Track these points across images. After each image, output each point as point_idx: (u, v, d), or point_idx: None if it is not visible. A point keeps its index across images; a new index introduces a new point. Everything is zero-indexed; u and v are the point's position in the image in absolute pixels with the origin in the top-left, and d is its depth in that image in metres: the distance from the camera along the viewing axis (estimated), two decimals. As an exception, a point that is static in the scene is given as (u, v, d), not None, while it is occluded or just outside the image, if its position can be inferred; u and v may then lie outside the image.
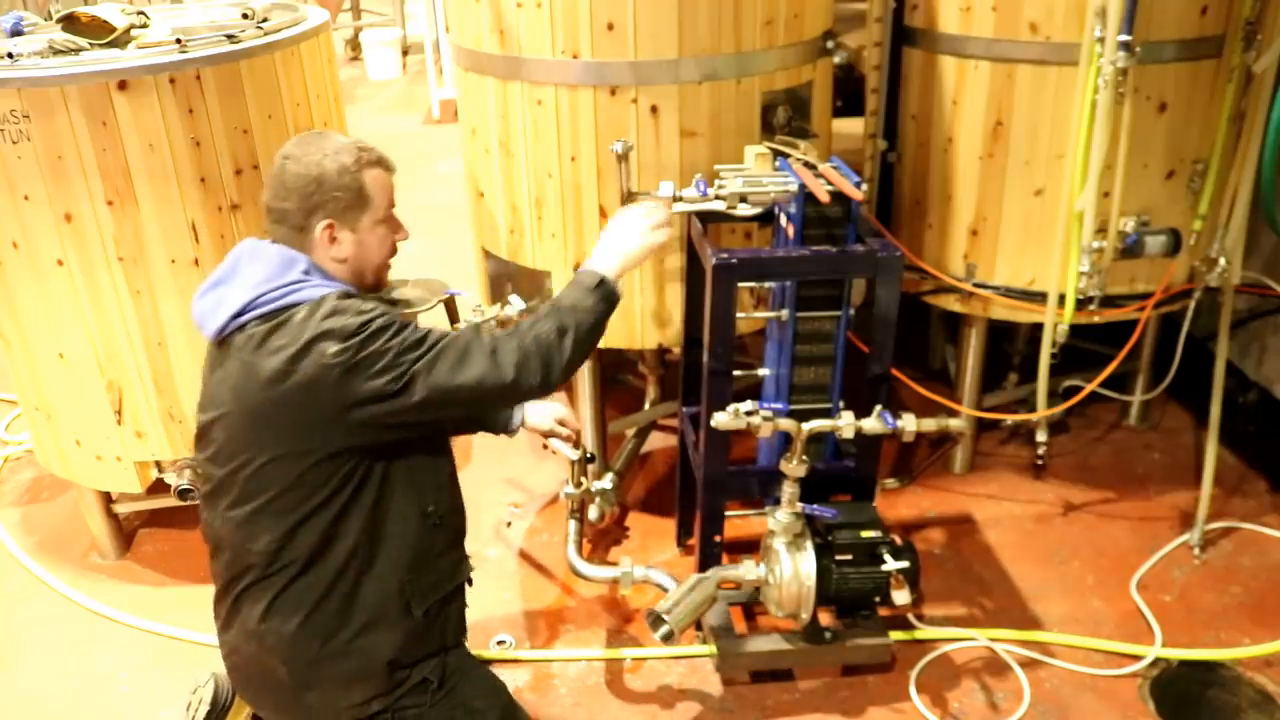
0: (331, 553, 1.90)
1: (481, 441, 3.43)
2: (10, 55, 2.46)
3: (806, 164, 2.47)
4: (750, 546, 2.90)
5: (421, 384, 1.81)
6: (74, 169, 2.47)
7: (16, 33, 2.78)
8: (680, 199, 2.49)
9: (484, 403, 2.00)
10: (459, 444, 2.59)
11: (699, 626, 2.67)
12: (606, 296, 2.02)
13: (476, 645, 2.62)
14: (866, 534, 2.43)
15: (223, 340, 1.87)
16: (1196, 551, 2.98)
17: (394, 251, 2.03)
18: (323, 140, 1.93)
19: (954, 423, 2.47)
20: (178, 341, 2.70)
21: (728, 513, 2.62)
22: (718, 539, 2.59)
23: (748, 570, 2.47)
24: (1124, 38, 2.49)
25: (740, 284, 2.52)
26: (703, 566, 2.56)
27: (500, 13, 2.63)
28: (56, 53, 2.54)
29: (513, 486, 3.39)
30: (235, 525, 1.91)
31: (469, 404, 1.91)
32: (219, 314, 1.86)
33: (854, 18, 3.74)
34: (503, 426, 2.43)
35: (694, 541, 2.72)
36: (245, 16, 2.77)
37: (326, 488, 1.86)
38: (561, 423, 2.51)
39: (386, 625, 1.95)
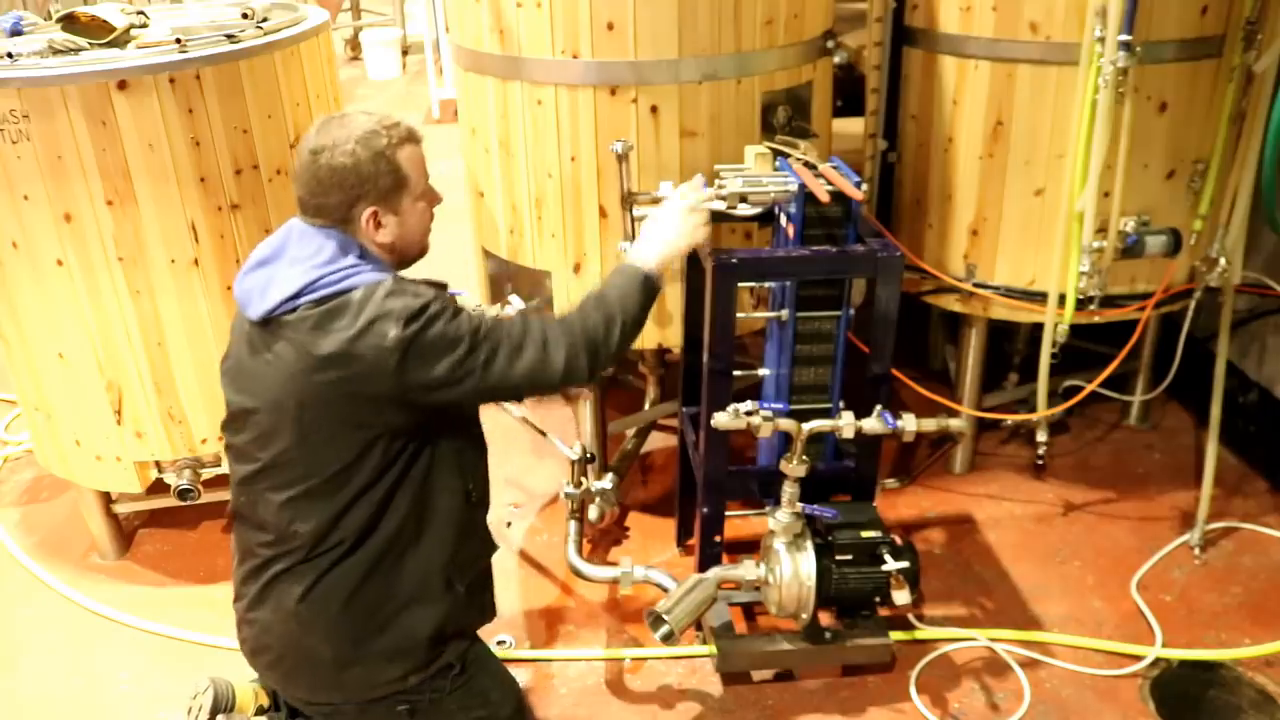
0: (379, 530, 1.92)
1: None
2: (10, 55, 2.46)
3: (806, 164, 2.47)
4: (750, 546, 2.90)
5: (479, 375, 1.85)
6: (74, 169, 2.47)
7: (16, 32, 2.77)
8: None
9: (533, 391, 2.01)
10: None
11: (699, 626, 2.67)
12: (651, 289, 2.07)
13: (476, 645, 2.62)
14: (866, 534, 2.43)
15: (268, 321, 1.85)
16: (1197, 551, 2.98)
17: (432, 219, 2.03)
18: (347, 125, 1.88)
19: (954, 423, 2.47)
20: (178, 341, 2.70)
21: (728, 513, 2.62)
22: (718, 539, 2.59)
23: (748, 570, 2.47)
24: (1124, 37, 2.49)
25: (740, 284, 2.51)
26: (703, 566, 2.56)
27: (500, 12, 2.63)
28: (56, 52, 2.54)
29: (513, 486, 3.39)
30: (279, 507, 1.91)
31: (519, 392, 1.96)
32: (270, 294, 1.84)
33: (854, 18, 3.74)
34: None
35: (694, 541, 2.72)
36: (245, 16, 2.77)
37: (378, 466, 1.87)
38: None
39: (429, 601, 1.98)
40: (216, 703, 2.19)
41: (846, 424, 2.36)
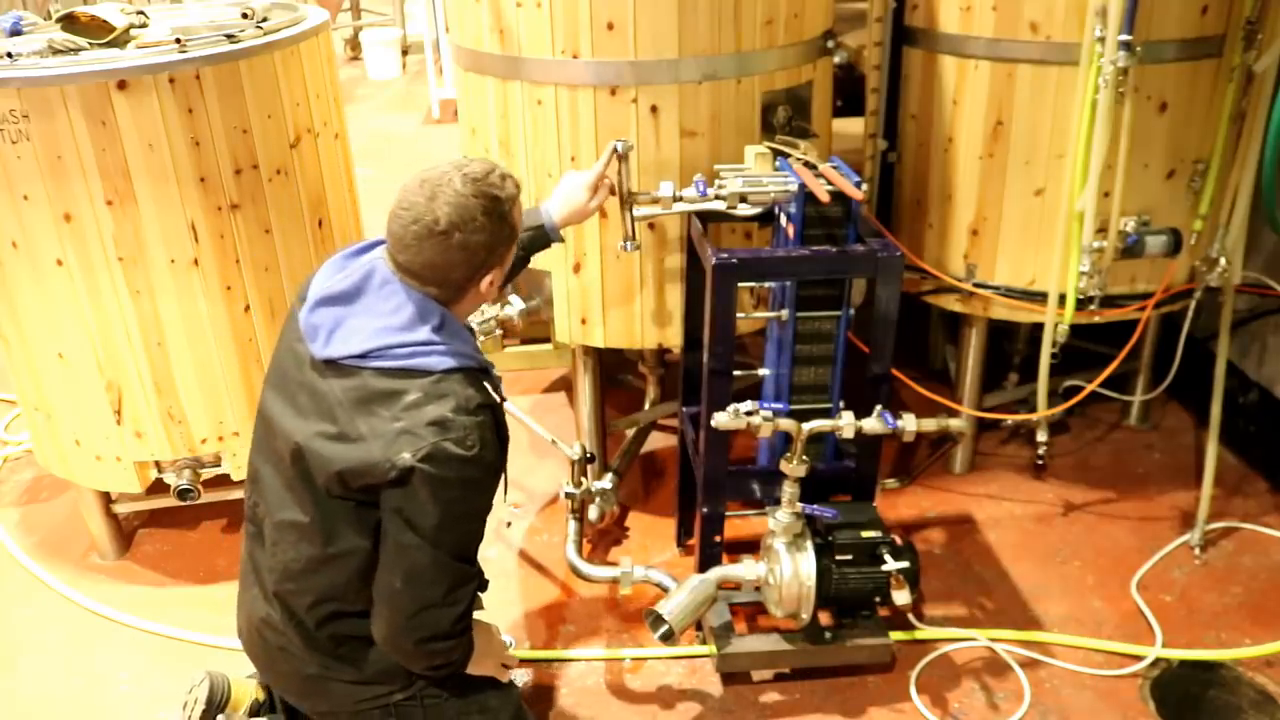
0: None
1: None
2: (10, 55, 2.46)
3: (806, 164, 2.47)
4: (750, 546, 2.90)
5: (422, 541, 1.80)
6: (73, 169, 2.47)
7: (16, 32, 2.77)
8: (680, 199, 2.49)
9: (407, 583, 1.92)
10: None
11: (699, 626, 2.67)
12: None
13: (476, 645, 2.62)
14: (866, 534, 2.43)
15: (329, 360, 1.84)
16: (1197, 551, 2.98)
17: None
18: (458, 189, 1.78)
19: (954, 423, 2.47)
20: (178, 341, 2.70)
21: (728, 513, 2.62)
22: (718, 539, 2.59)
23: (748, 570, 2.47)
24: (1124, 37, 2.49)
25: (740, 284, 2.51)
26: (703, 566, 2.56)
27: (500, 12, 2.63)
28: (56, 52, 2.54)
29: (513, 486, 3.39)
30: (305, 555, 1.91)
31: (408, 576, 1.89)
32: (334, 343, 1.82)
33: (854, 17, 3.74)
34: (546, 243, 2.43)
35: (694, 541, 2.72)
36: (245, 16, 2.77)
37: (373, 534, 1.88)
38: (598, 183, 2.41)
39: None
40: (212, 696, 2.19)
41: (846, 424, 2.36)
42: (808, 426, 2.34)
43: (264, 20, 2.74)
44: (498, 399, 1.89)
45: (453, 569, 1.85)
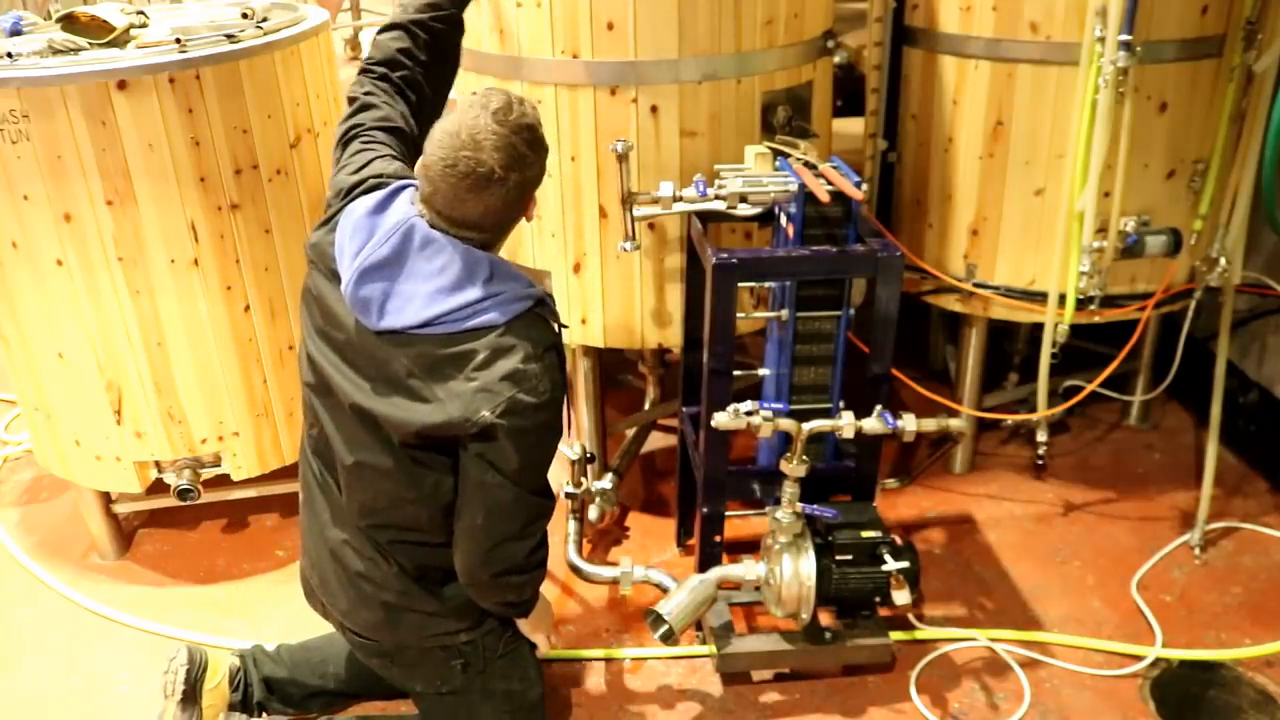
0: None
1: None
2: (10, 55, 2.46)
3: (806, 164, 2.47)
4: (750, 546, 2.90)
5: (512, 478, 1.87)
6: (73, 169, 2.47)
7: (16, 32, 2.77)
8: (680, 199, 2.49)
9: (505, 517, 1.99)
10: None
11: (699, 626, 2.67)
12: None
13: (476, 645, 2.62)
14: (867, 534, 2.43)
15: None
16: (1197, 551, 2.98)
17: None
18: (496, 130, 1.75)
19: (954, 423, 2.47)
20: (178, 341, 2.70)
21: (728, 513, 2.62)
22: (718, 539, 2.59)
23: (748, 570, 2.47)
24: (1124, 37, 2.49)
25: (740, 284, 2.51)
26: (703, 566, 2.56)
27: (500, 12, 2.63)
28: (56, 52, 2.54)
29: (513, 486, 3.38)
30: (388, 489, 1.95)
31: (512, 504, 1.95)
32: (389, 316, 1.81)
33: (854, 17, 3.74)
34: None
35: (694, 541, 2.72)
36: (245, 16, 2.77)
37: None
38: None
39: None
40: (191, 667, 2.27)
41: (846, 424, 2.36)
42: (808, 426, 2.34)
43: (264, 20, 2.74)
44: (558, 329, 1.93)
45: (531, 503, 1.92)
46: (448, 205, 1.80)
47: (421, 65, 2.19)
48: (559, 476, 2.00)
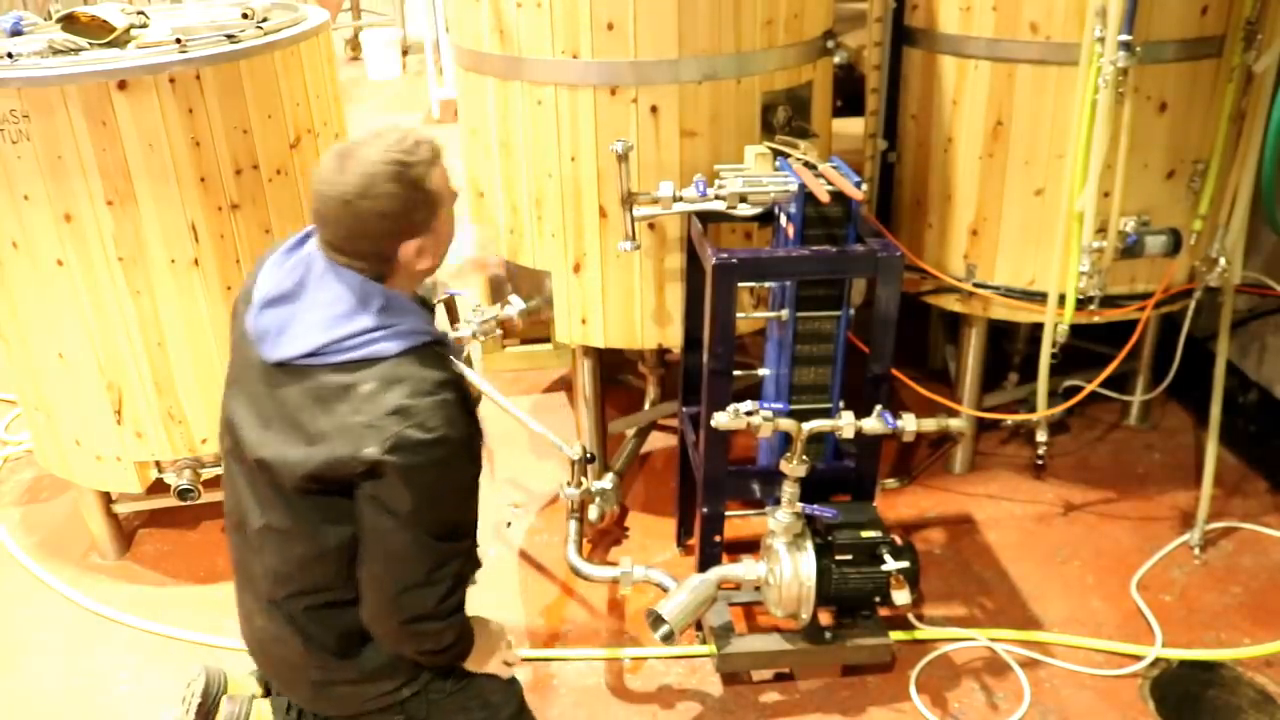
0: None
1: (481, 441, 3.43)
2: (10, 55, 2.46)
3: (806, 164, 2.47)
4: (750, 546, 2.90)
5: (410, 525, 1.79)
6: (74, 169, 2.47)
7: (16, 32, 2.78)
8: (680, 199, 2.49)
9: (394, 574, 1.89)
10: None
11: (699, 626, 2.67)
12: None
13: (476, 645, 2.62)
14: (866, 534, 2.43)
15: (281, 363, 1.81)
16: (1196, 551, 2.98)
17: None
18: (369, 161, 1.74)
19: (954, 423, 2.47)
20: (178, 341, 2.70)
21: (728, 513, 2.62)
22: (718, 539, 2.59)
23: (748, 570, 2.47)
24: (1124, 37, 2.49)
25: (740, 284, 2.52)
26: (703, 566, 2.56)
27: (500, 12, 2.63)
28: (56, 53, 2.54)
29: (513, 486, 3.39)
30: (290, 548, 1.88)
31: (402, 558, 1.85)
32: (282, 344, 1.79)
33: (854, 18, 3.74)
34: None
35: (694, 541, 2.72)
36: (245, 16, 2.77)
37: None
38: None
39: None
40: (208, 689, 2.20)
41: (846, 424, 2.36)
42: (808, 426, 2.34)
43: (264, 20, 2.74)
44: (457, 371, 1.87)
45: (433, 548, 1.83)
46: (319, 224, 1.80)
47: None
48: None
